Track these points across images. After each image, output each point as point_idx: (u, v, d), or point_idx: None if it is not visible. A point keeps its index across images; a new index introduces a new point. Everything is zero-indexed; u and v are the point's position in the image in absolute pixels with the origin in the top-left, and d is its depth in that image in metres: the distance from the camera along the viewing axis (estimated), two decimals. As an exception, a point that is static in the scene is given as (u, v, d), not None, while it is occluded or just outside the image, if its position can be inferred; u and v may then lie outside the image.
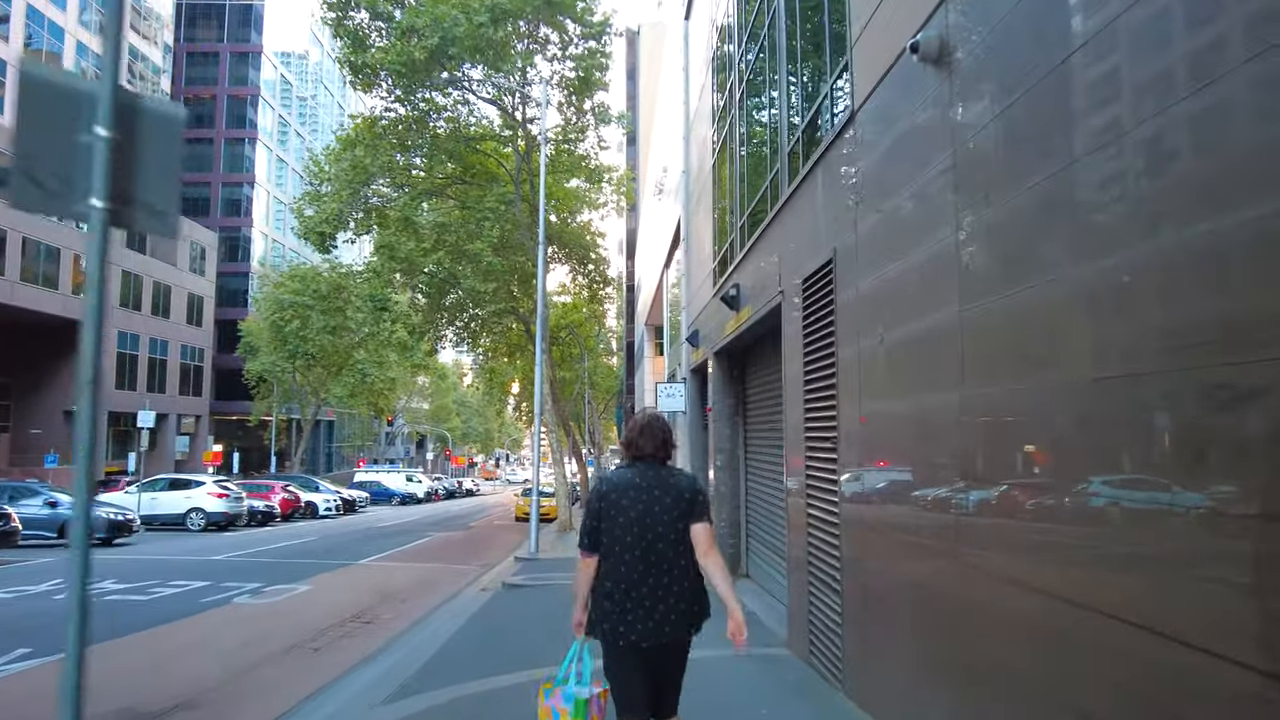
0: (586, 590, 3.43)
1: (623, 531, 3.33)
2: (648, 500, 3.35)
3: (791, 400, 7.31)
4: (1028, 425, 3.38)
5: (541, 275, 17.54)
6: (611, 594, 3.32)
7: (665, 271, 22.75)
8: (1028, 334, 3.35)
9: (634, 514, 3.34)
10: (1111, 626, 2.70)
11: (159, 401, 46.53)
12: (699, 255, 14.75)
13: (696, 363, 14.98)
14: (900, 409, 4.69)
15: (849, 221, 5.62)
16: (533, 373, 37.12)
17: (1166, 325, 2.53)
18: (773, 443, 10.00)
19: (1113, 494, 2.78)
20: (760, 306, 8.63)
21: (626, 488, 3.39)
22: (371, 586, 12.48)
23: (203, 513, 22.61)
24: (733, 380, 12.41)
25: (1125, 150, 2.72)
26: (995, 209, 3.59)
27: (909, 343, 4.58)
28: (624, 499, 3.37)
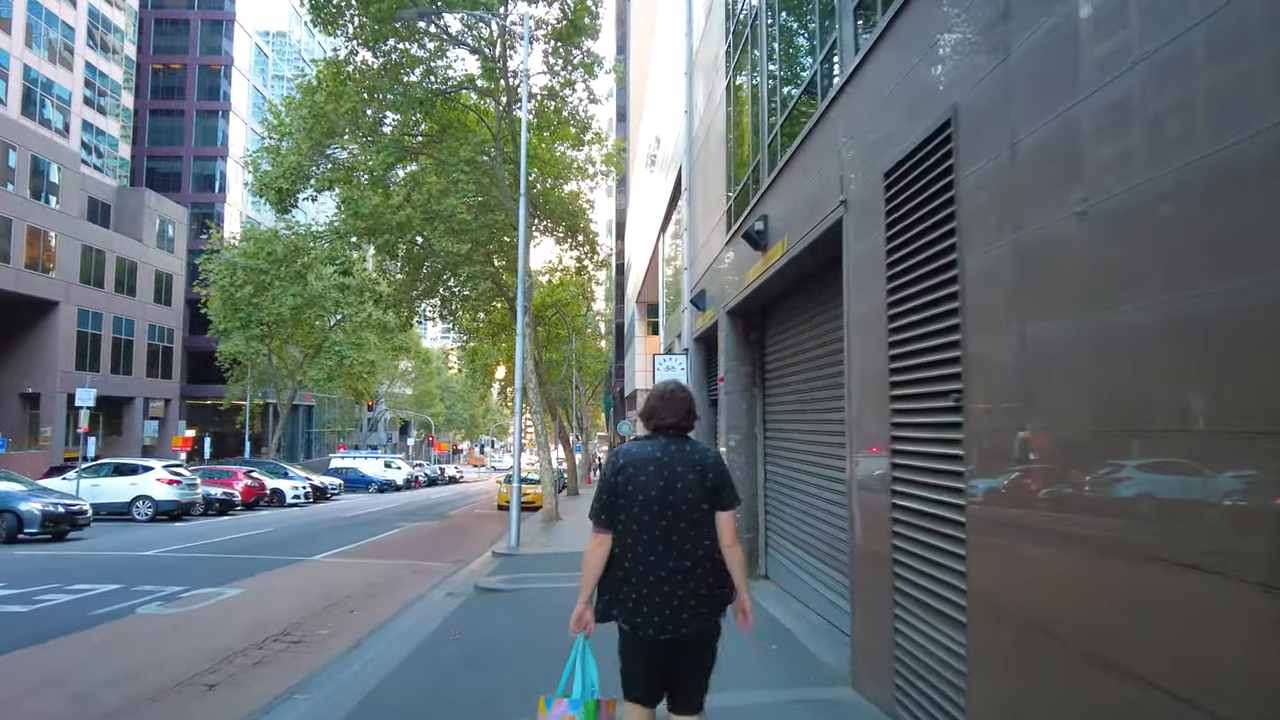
0: (597, 572, 3.08)
1: (640, 509, 3.02)
2: (669, 476, 3.04)
3: (862, 351, 5.31)
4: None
5: (523, 231, 15.45)
6: (627, 578, 3.02)
7: (661, 237, 20.71)
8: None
9: (653, 491, 3.02)
10: None
11: (125, 384, 44.20)
12: (705, 204, 12.71)
13: (701, 329, 12.96)
14: (1125, 331, 2.68)
15: (986, 51, 3.60)
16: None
17: None
18: (808, 416, 8.02)
19: None
20: (803, 235, 6.62)
21: (645, 461, 3.07)
22: (318, 589, 10.44)
23: (151, 501, 20.44)
24: (749, 344, 10.40)
25: None
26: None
27: (1157, 202, 2.55)
28: (642, 474, 3.05)
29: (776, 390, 9.57)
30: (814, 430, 7.92)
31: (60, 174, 40.46)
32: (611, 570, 3.06)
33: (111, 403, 44.33)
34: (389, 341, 45.31)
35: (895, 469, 4.67)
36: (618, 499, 3.07)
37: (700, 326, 13.02)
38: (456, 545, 16.34)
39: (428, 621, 8.14)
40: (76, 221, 40.86)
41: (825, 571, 7.30)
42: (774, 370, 9.77)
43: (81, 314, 40.75)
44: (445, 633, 7.50)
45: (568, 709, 3.06)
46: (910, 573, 4.44)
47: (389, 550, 15.34)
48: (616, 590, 3.04)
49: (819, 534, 7.57)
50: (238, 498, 24.50)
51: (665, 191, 19.82)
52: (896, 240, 4.64)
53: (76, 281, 40.18)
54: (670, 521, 3.00)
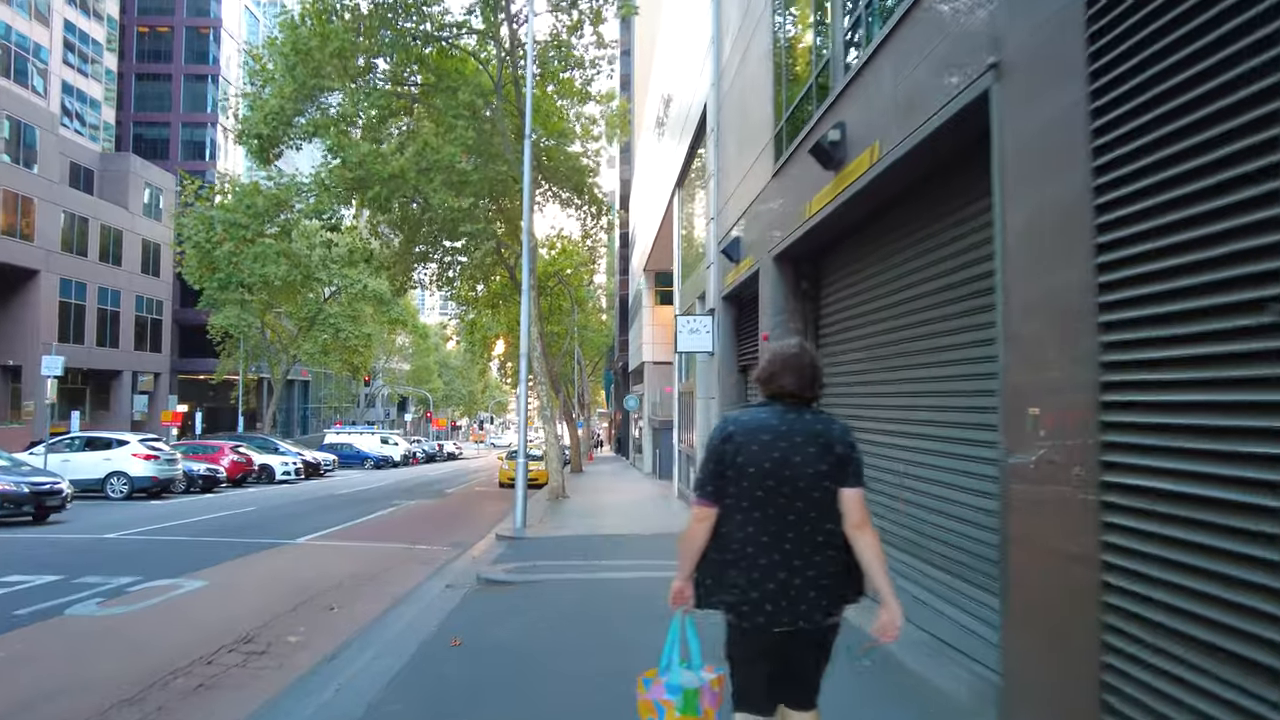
0: (699, 548, 2.74)
1: (751, 484, 2.64)
2: (785, 448, 2.63)
3: (1030, 270, 3.75)
4: None
5: (528, 177, 13.82)
6: (735, 561, 2.65)
7: (676, 193, 19.06)
8: None
9: (766, 464, 2.62)
10: None
11: (112, 357, 42.65)
12: (739, 141, 11.10)
13: (732, 285, 11.40)
14: None
15: None
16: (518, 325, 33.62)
17: None
18: (892, 377, 6.51)
19: None
20: (911, 131, 5.05)
21: (759, 430, 2.67)
22: (296, 580, 8.95)
23: (125, 477, 18.92)
24: (799, 296, 8.85)
25: None
26: None
27: None
28: (754, 443, 2.65)
29: (837, 348, 8.03)
30: (899, 394, 6.39)
31: (38, 136, 38.57)
32: (716, 550, 2.72)
33: (98, 376, 42.85)
34: (385, 314, 43.84)
35: (1108, 435, 3.14)
36: (726, 470, 2.68)
37: (731, 282, 11.46)
38: (456, 526, 14.87)
39: (422, 624, 6.66)
40: (56, 187, 39.02)
41: (920, 570, 5.80)
42: (833, 324, 8.23)
43: (64, 284, 39.07)
44: (443, 640, 6.02)
45: (665, 692, 2.80)
46: (1148, 586, 2.92)
47: (381, 532, 13.87)
48: (721, 573, 2.70)
49: (909, 524, 6.06)
50: (223, 474, 23.00)
51: (678, 151, 18.28)
52: (1118, 90, 3.08)
53: (57, 250, 38.46)
54: (787, 499, 2.64)
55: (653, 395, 30.68)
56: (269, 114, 15.96)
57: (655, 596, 7.79)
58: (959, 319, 5.22)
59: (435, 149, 16.18)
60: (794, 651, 2.70)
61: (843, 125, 6.44)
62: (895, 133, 5.29)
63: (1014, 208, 3.87)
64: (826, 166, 6.69)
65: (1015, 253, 3.88)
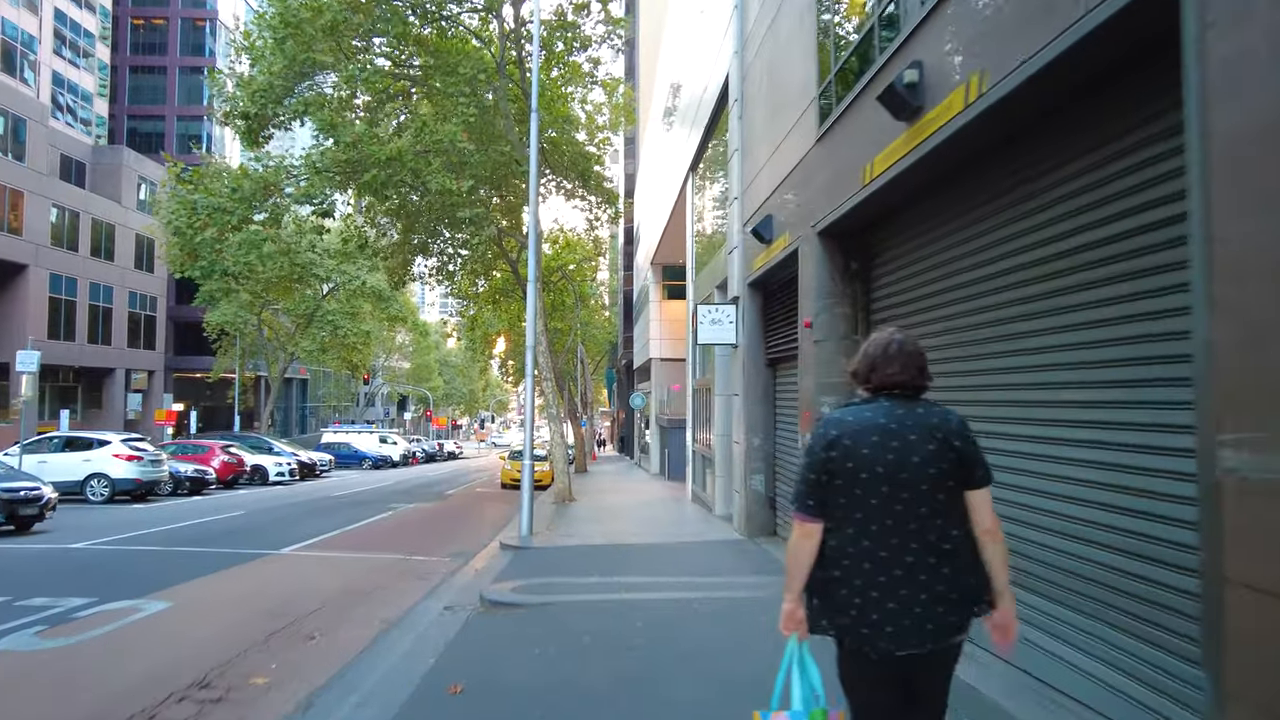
0: (807, 568, 2.45)
1: (865, 491, 2.37)
2: (900, 448, 2.37)
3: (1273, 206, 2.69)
4: None
5: (534, 160, 12.73)
6: (848, 579, 2.37)
7: (690, 178, 17.99)
8: None
9: (880, 467, 2.36)
10: None
11: (104, 354, 41.63)
12: (770, 108, 10.01)
13: (760, 270, 10.33)
14: None
15: None
16: (520, 322, 32.75)
17: None
18: (975, 369, 5.45)
19: None
20: (1033, 54, 3.97)
21: (868, 430, 2.40)
22: (275, 599, 7.89)
23: (106, 479, 17.86)
24: (849, 276, 7.78)
25: None
26: None
27: None
28: (864, 446, 2.38)
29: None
30: (995, 386, 5.32)
31: (27, 128, 37.50)
32: (824, 568, 2.42)
33: (90, 374, 41.86)
34: (384, 311, 42.96)
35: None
36: (832, 479, 2.40)
37: (759, 266, 10.38)
38: (456, 533, 13.81)
39: (417, 659, 5.59)
40: (46, 179, 37.96)
41: (1027, 602, 4.73)
42: (892, 306, 7.15)
43: (54, 279, 38.03)
44: (441, 682, 4.96)
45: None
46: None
47: (376, 540, 12.80)
48: (831, 594, 2.40)
49: (1019, 547, 4.98)
50: (212, 475, 21.92)
51: (691, 136, 17.35)
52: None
53: (47, 244, 37.42)
54: (906, 505, 2.33)
55: (660, 393, 29.64)
56: (256, 91, 14.87)
57: (697, 626, 6.42)
58: (1100, 287, 4.14)
59: (434, 129, 15.10)
60: (920, 675, 2.45)
61: (920, 64, 5.36)
62: (1009, 57, 4.21)
63: (1226, 119, 2.79)
64: (899, 116, 5.61)
65: (1227, 186, 2.80)
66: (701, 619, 6.59)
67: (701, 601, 7.16)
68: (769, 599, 7.21)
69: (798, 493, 2.50)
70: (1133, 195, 3.89)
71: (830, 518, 2.43)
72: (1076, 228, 4.34)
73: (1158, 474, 3.73)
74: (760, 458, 11.05)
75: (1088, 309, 4.27)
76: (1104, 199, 4.10)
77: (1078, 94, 4.19)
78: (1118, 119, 3.95)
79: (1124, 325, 3.99)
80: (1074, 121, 4.29)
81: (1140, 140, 3.79)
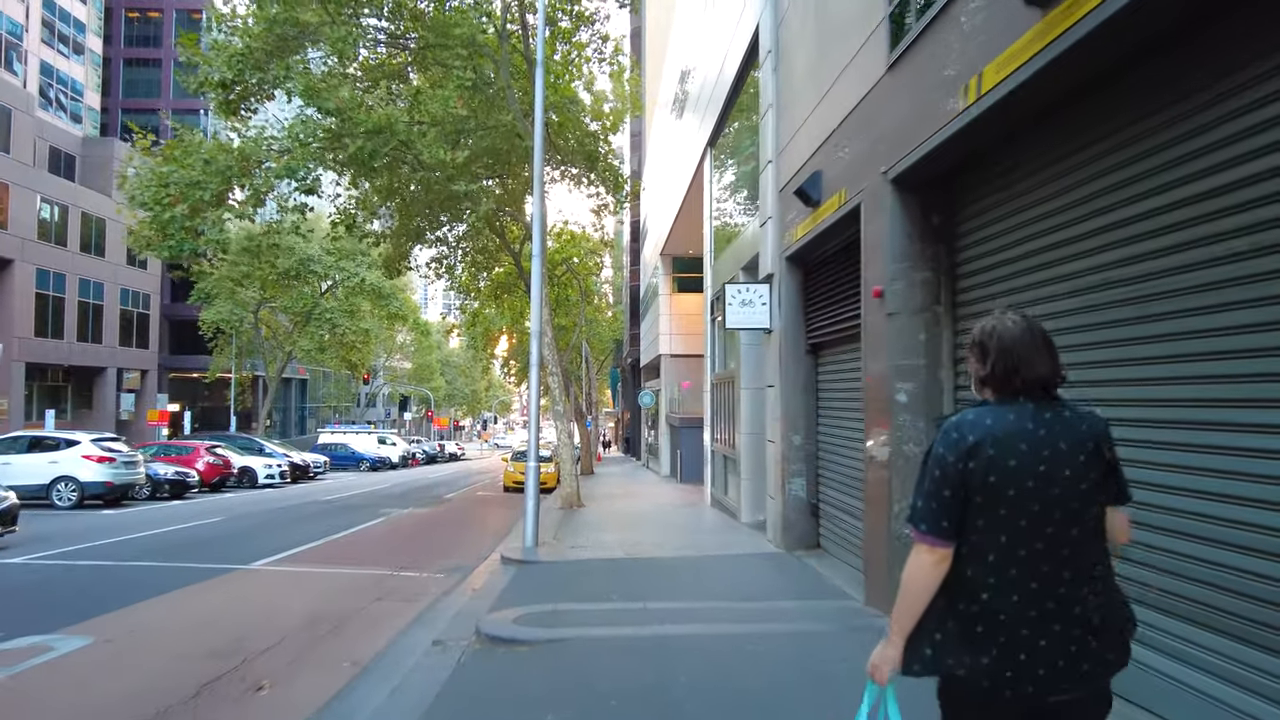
0: (927, 601, 2.06)
1: (1012, 511, 2.00)
2: (1051, 459, 2.00)
3: None
4: None
5: (539, 119, 11.28)
6: (988, 613, 2.00)
7: (708, 154, 16.54)
8: None
9: (1030, 482, 1.99)
10: None
11: (95, 353, 40.31)
12: (822, 41, 8.55)
13: (805, 237, 8.86)
14: None
15: None
16: (523, 319, 31.30)
17: None
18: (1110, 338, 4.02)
19: None
20: None
21: (1014, 437, 2.01)
22: (221, 634, 6.44)
23: (74, 483, 16.42)
24: (929, 235, 6.33)
25: None
26: None
27: None
28: (1011, 456, 2.00)
29: (994, 302, 5.51)
30: (1139, 360, 3.89)
31: (13, 118, 36.15)
32: (954, 601, 2.04)
33: (80, 373, 40.58)
34: (384, 309, 41.77)
35: None
36: (971, 495, 2.01)
37: (802, 235, 8.92)
38: (452, 543, 12.36)
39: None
40: (33, 171, 36.62)
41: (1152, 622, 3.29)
42: (985, 270, 5.71)
43: (41, 274, 36.68)
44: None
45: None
46: None
47: (361, 551, 11.35)
48: (964, 630, 2.02)
49: (1192, 572, 3.56)
50: (194, 478, 20.46)
51: (709, 113, 16.14)
52: None
53: (34, 238, 36.07)
54: (1057, 527, 1.99)
55: (670, 390, 28.22)
56: (231, 57, 13.46)
57: (757, 676, 4.44)
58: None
59: (429, 95, 13.67)
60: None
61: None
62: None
63: None
64: (1039, 4, 4.16)
65: None
66: (760, 665, 5.13)
67: (754, 638, 5.69)
68: (836, 634, 5.77)
69: (925, 511, 2.07)
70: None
71: (968, 541, 2.04)
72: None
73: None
74: (800, 458, 9.58)
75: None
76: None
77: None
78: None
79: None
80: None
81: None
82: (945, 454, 2.05)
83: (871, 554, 6.70)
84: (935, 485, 2.06)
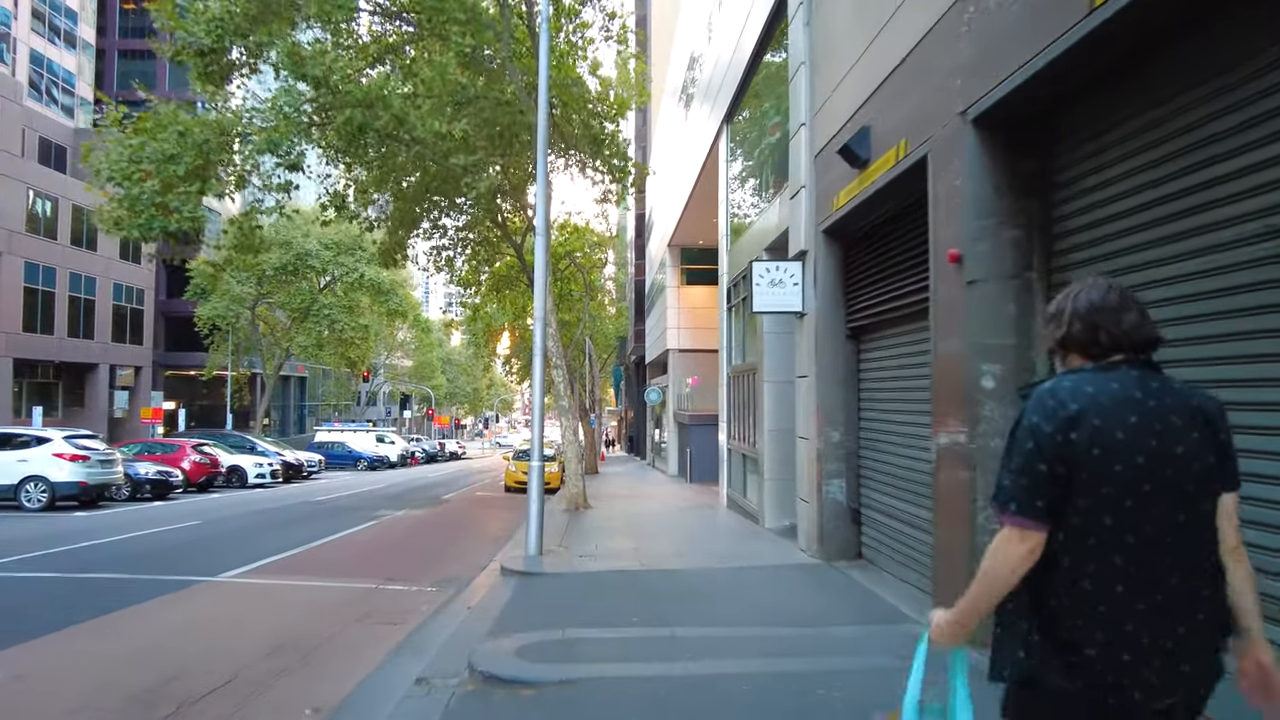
0: (1006, 590, 1.77)
1: (1118, 490, 1.71)
2: (1163, 434, 1.73)
3: None
4: None
5: (543, 78, 10.18)
6: (1088, 605, 1.72)
7: (724, 131, 15.43)
8: None
9: (1141, 459, 1.71)
10: None
11: (86, 349, 39.23)
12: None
13: (849, 204, 7.74)
14: None
15: None
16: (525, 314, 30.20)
17: None
18: None
19: None
20: None
21: (1122, 407, 1.73)
22: (156, 669, 5.32)
23: (45, 483, 15.32)
24: (1018, 187, 5.21)
25: None
26: None
27: None
28: (1118, 429, 1.71)
29: (1102, 269, 4.40)
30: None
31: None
32: (1044, 594, 1.76)
33: (72, 370, 39.53)
34: (383, 304, 40.88)
35: None
36: (1074, 472, 1.71)
37: (843, 204, 7.80)
38: (448, 550, 11.24)
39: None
40: (20, 161, 35.57)
41: None
42: (1092, 226, 4.60)
43: (29, 268, 35.60)
44: None
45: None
46: None
47: (346, 559, 10.24)
48: (1058, 623, 1.74)
49: None
50: (177, 477, 19.34)
51: (724, 91, 15.24)
52: None
53: (21, 230, 35.02)
54: (1169, 511, 1.72)
55: (678, 387, 27.14)
56: (211, 20, 12.37)
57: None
58: None
59: (424, 62, 12.58)
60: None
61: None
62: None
63: None
64: None
65: None
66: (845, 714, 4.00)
67: (819, 679, 4.56)
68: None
69: (1014, 489, 1.75)
70: None
71: (1068, 526, 1.73)
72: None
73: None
74: (839, 457, 8.46)
75: None
76: None
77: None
78: None
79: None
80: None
81: None
82: (1041, 424, 1.77)
83: (946, 570, 5.58)
84: (1028, 460, 1.77)
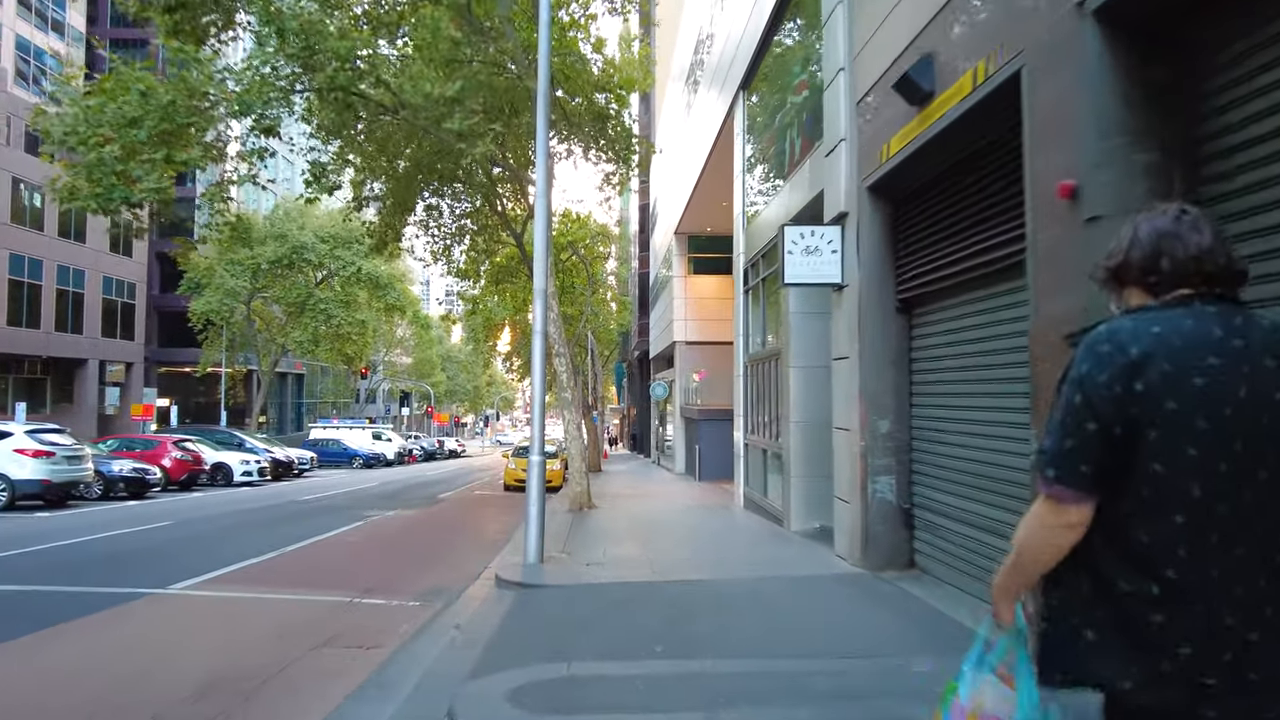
0: (1046, 568, 1.46)
1: (1202, 450, 1.35)
2: (1253, 376, 1.37)
3: None
4: None
5: (544, 38, 9.04)
6: (1176, 596, 1.34)
7: (740, 98, 14.27)
8: None
9: (1228, 408, 1.36)
10: None
11: (75, 344, 38.14)
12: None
13: (900, 154, 6.59)
14: None
15: None
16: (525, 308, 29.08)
17: None
18: None
19: None
20: None
21: (1199, 348, 1.38)
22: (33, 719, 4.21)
23: (4, 481, 14.19)
24: (1147, 100, 4.04)
25: None
26: None
27: None
28: (1195, 373, 1.37)
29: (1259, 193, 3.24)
30: None
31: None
32: (1112, 581, 1.39)
33: (59, 365, 38.43)
34: (381, 299, 39.93)
35: None
36: (1139, 432, 1.37)
37: (897, 151, 6.63)
38: (439, 554, 10.09)
39: None
40: (5, 150, 34.49)
41: None
42: (1254, 143, 3.44)
43: (14, 259, 34.52)
44: None
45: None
46: None
47: (323, 567, 9.09)
48: (1135, 622, 1.36)
49: None
50: (156, 475, 18.18)
51: (739, 57, 14.43)
52: None
53: (6, 220, 33.95)
54: (1273, 473, 1.34)
55: (685, 381, 26.01)
56: (178, -29, 11.25)
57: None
58: None
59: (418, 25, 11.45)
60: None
61: None
62: None
63: None
64: None
65: None
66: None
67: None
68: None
69: (1055, 453, 1.41)
70: None
71: (1138, 497, 1.35)
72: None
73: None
74: (888, 450, 7.30)
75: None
76: None
77: None
78: None
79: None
80: None
81: None
82: (1093, 373, 1.40)
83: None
84: (1075, 416, 1.40)
